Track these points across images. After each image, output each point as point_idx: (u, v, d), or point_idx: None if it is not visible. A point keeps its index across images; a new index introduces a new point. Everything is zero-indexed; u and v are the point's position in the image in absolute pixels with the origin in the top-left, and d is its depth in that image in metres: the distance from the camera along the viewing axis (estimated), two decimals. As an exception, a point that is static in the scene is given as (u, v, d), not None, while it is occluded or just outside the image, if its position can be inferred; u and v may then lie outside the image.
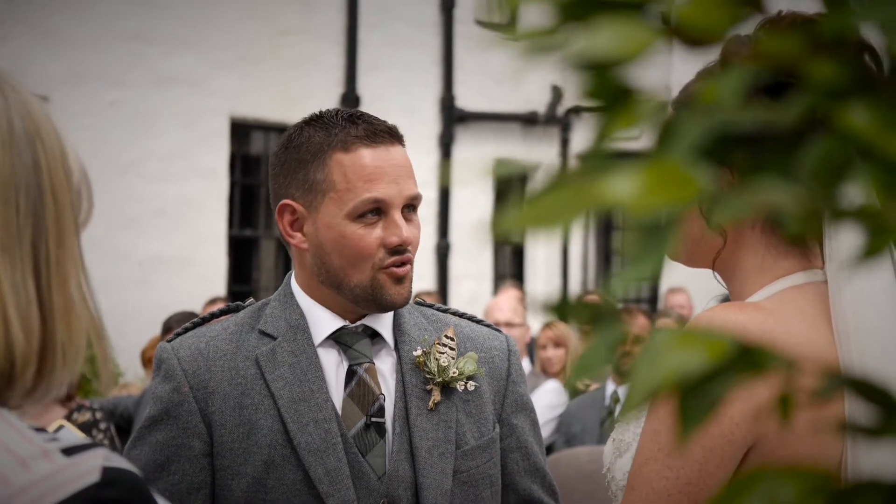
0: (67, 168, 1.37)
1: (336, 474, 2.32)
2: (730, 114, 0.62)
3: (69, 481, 1.24)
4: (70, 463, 1.25)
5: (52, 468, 1.25)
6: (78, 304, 1.33)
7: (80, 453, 1.27)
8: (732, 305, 1.92)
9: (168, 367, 2.38)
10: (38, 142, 1.34)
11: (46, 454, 1.26)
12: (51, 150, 1.35)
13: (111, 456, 1.29)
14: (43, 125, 1.35)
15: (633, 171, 0.61)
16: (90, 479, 1.25)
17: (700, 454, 1.82)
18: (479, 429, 2.45)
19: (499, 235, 0.65)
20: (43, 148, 1.34)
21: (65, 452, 1.26)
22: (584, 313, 0.69)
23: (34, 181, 1.32)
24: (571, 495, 4.87)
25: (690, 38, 0.62)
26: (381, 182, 2.36)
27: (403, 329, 2.46)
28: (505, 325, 7.30)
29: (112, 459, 1.28)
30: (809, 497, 0.63)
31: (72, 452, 1.27)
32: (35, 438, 1.27)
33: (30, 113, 1.35)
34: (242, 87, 11.50)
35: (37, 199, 1.32)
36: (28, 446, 1.26)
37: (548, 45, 0.66)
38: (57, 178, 1.34)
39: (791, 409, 0.66)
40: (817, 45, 0.64)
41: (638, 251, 0.62)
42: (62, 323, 1.31)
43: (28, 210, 1.31)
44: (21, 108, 1.34)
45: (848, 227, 0.63)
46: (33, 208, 1.32)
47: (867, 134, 0.60)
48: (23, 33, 10.43)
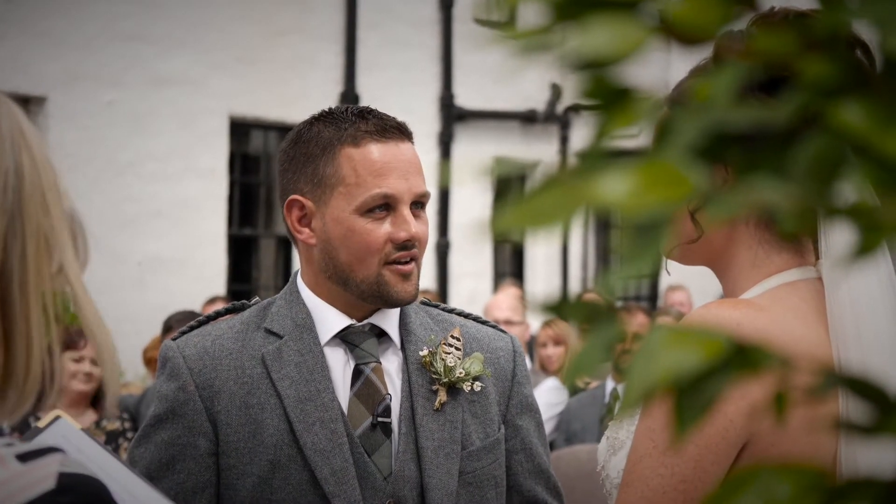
0: (59, 190, 1.32)
1: (342, 474, 2.31)
2: (723, 112, 0.62)
3: (24, 488, 1.21)
4: (25, 469, 1.22)
5: (5, 475, 1.21)
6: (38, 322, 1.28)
7: (36, 459, 1.24)
8: (726, 302, 1.92)
9: (173, 365, 2.37)
10: (24, 150, 1.30)
11: (1, 460, 1.23)
12: (41, 165, 1.30)
13: (68, 461, 1.25)
14: (34, 143, 1.31)
15: (626, 170, 0.61)
16: (46, 485, 1.22)
17: (695, 451, 1.82)
18: (484, 430, 2.45)
19: (495, 234, 0.65)
20: (31, 160, 1.30)
21: (20, 458, 1.23)
22: (582, 312, 0.69)
23: (14, 184, 1.28)
24: (572, 493, 4.87)
25: (683, 37, 0.62)
26: (391, 177, 2.36)
27: (410, 329, 2.46)
28: (504, 324, 7.30)
29: (69, 465, 1.25)
30: (805, 494, 0.64)
31: (27, 458, 1.24)
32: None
33: (20, 125, 1.31)
34: (241, 87, 11.50)
35: (14, 202, 1.28)
36: None
37: (542, 44, 0.66)
38: (48, 191, 1.30)
39: (785, 407, 0.66)
40: (810, 42, 0.64)
41: (632, 250, 0.62)
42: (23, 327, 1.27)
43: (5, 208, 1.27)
44: (10, 117, 1.31)
45: (842, 224, 0.63)
46: (10, 208, 1.28)
47: (861, 132, 0.60)
48: (20, 34, 10.42)
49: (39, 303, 1.29)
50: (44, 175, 1.30)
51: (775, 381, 0.66)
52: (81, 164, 10.55)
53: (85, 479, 1.25)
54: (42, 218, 1.29)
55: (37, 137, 1.32)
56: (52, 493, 1.21)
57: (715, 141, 0.62)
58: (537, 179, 0.66)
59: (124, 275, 10.79)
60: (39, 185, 1.29)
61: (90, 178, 10.61)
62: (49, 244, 1.30)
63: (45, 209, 1.29)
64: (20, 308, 1.27)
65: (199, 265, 11.23)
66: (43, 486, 1.22)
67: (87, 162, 10.62)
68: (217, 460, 2.34)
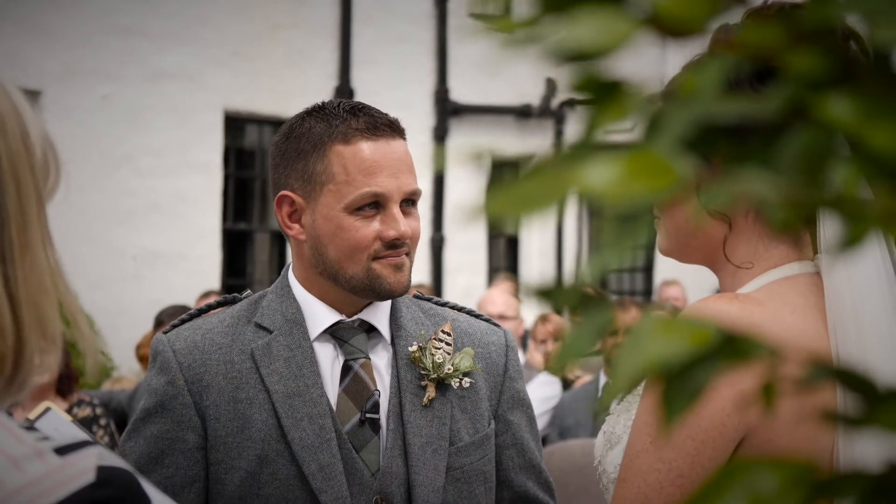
0: (29, 146, 1.31)
1: (329, 470, 2.31)
2: (710, 104, 0.62)
3: (64, 482, 1.22)
4: (64, 463, 1.23)
5: (45, 469, 1.22)
6: (49, 287, 1.29)
7: (74, 452, 1.24)
8: (723, 296, 1.92)
9: (163, 359, 2.38)
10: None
11: (39, 454, 1.23)
12: (11, 133, 1.29)
13: (105, 454, 1.26)
14: (4, 113, 1.30)
15: (612, 158, 0.61)
16: (85, 479, 1.23)
17: (692, 446, 1.82)
18: (473, 425, 2.44)
19: (482, 218, 0.65)
20: (3, 134, 1.28)
21: (58, 452, 1.24)
22: (572, 299, 0.69)
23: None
24: (566, 489, 4.87)
25: (671, 29, 0.62)
26: (381, 176, 2.35)
27: (400, 324, 2.45)
28: (498, 318, 7.30)
29: (106, 458, 1.26)
30: (792, 488, 0.64)
31: (65, 452, 1.24)
32: (26, 438, 1.25)
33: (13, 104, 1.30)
34: (236, 82, 11.50)
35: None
36: (20, 446, 1.23)
37: (530, 36, 0.66)
38: (18, 160, 1.28)
39: (774, 398, 0.66)
40: (799, 34, 0.64)
41: (612, 238, 0.62)
42: (32, 311, 1.27)
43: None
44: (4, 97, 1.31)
45: (832, 217, 0.63)
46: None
47: (848, 124, 0.60)
48: (16, 29, 10.41)
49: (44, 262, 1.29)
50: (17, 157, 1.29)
51: (764, 372, 0.66)
52: (77, 159, 10.54)
53: (121, 473, 1.26)
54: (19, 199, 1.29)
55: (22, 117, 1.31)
56: (92, 487, 1.22)
57: (702, 133, 0.62)
58: (526, 167, 0.66)
59: (120, 269, 10.79)
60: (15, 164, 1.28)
61: (86, 172, 10.60)
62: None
63: (17, 188, 1.28)
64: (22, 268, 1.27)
65: (195, 259, 11.23)
66: (83, 479, 1.23)
67: (82, 156, 10.62)
68: (205, 454, 2.34)
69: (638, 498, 1.84)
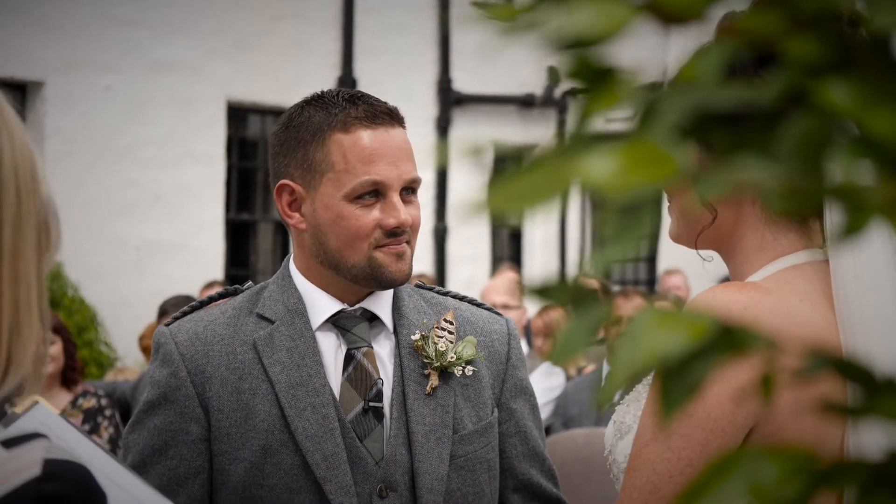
0: (37, 176, 1.29)
1: (333, 459, 2.32)
2: (708, 92, 0.62)
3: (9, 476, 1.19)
4: (9, 456, 1.20)
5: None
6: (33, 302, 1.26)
7: (21, 445, 1.21)
8: (733, 285, 1.91)
9: (166, 351, 2.38)
10: (4, 133, 1.27)
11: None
12: (20, 148, 1.27)
13: (53, 447, 1.23)
14: (14, 125, 1.28)
15: (611, 150, 0.60)
16: (31, 472, 1.19)
17: (701, 436, 1.82)
18: (477, 413, 2.44)
19: (482, 212, 0.65)
20: (10, 142, 1.27)
21: (4, 445, 1.21)
22: (567, 295, 0.69)
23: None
24: (569, 478, 4.87)
25: (669, 16, 0.62)
26: (380, 164, 2.35)
27: (402, 313, 2.45)
28: (501, 308, 7.30)
29: (54, 451, 1.22)
30: (792, 476, 0.63)
31: (12, 444, 1.21)
32: None
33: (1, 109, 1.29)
34: (238, 72, 11.49)
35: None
36: None
37: (528, 23, 0.65)
38: (23, 176, 1.26)
39: (772, 388, 0.65)
40: (799, 20, 0.64)
41: (615, 231, 0.62)
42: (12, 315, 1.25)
43: None
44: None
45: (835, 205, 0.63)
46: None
47: (847, 110, 0.60)
48: (17, 20, 10.41)
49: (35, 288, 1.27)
50: (20, 160, 1.27)
51: (762, 363, 0.66)
52: (78, 150, 10.55)
53: (70, 466, 1.22)
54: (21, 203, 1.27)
55: (17, 120, 1.30)
56: (38, 480, 1.19)
57: (700, 121, 0.62)
58: (525, 160, 0.66)
59: (122, 260, 10.80)
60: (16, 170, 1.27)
61: (87, 163, 10.60)
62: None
63: (18, 195, 1.26)
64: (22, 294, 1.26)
65: (197, 250, 11.23)
66: (28, 472, 1.19)
67: (84, 147, 10.62)
68: (209, 446, 2.34)
69: (647, 487, 1.83)
